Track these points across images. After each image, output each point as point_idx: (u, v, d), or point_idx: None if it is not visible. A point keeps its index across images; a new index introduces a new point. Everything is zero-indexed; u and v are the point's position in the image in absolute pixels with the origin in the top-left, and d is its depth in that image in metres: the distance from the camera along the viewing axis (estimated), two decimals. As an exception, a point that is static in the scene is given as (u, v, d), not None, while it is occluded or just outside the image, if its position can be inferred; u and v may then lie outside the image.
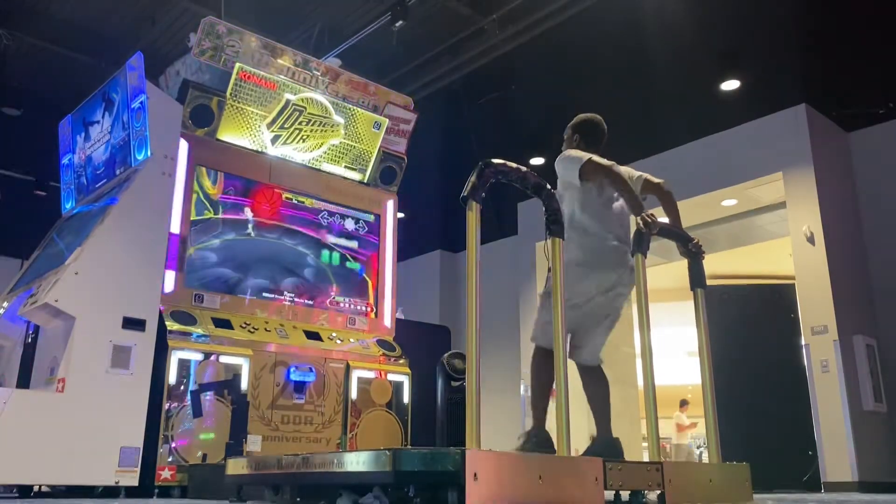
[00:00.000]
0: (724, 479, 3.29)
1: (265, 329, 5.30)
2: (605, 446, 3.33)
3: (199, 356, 4.82)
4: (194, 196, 5.32)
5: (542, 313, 3.50)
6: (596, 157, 3.54)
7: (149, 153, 4.93)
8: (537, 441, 3.27)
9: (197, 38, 5.34)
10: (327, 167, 6.07)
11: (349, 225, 6.12)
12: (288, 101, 5.70)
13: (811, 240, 6.96)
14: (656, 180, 3.74)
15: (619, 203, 3.62)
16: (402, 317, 6.99)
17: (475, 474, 2.04)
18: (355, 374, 5.55)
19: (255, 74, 5.50)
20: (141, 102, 5.00)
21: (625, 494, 2.83)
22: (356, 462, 2.28)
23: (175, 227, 5.08)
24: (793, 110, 7.38)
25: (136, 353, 4.50)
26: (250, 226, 5.56)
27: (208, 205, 5.40)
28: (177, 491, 4.55)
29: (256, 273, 5.50)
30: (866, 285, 7.37)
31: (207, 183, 5.43)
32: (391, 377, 5.75)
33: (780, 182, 7.39)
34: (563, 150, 3.83)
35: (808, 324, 6.88)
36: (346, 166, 6.16)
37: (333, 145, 6.04)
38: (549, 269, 3.51)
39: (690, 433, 13.67)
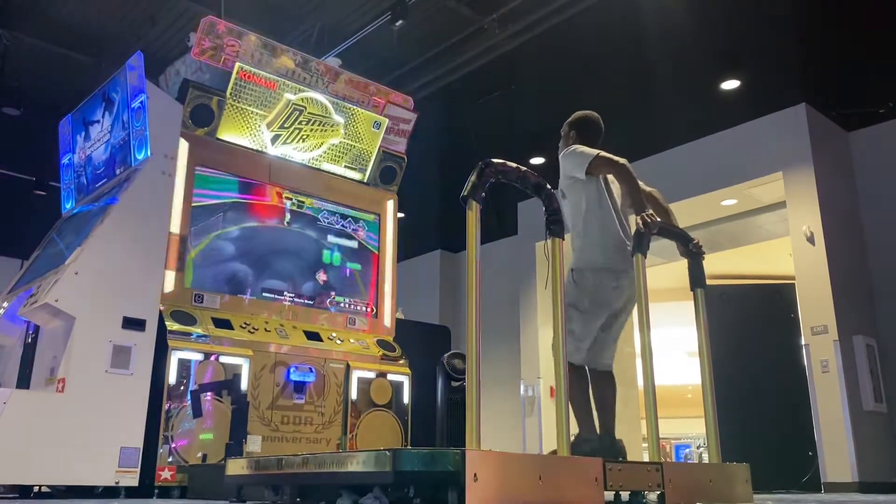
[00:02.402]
0: (724, 480, 3.28)
1: (265, 329, 5.29)
2: (609, 447, 3.35)
3: (199, 356, 4.81)
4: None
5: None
6: (605, 153, 3.55)
7: (149, 153, 4.93)
8: (602, 445, 3.32)
9: (197, 37, 5.34)
10: (327, 167, 6.07)
11: (349, 225, 6.11)
12: (288, 101, 5.70)
13: (811, 240, 6.96)
14: (649, 188, 3.77)
15: (621, 199, 3.64)
16: (402, 317, 6.99)
17: (475, 474, 2.04)
18: (355, 375, 5.55)
19: (255, 74, 5.50)
20: (141, 102, 5.00)
21: (625, 495, 2.82)
22: (356, 462, 2.28)
23: (175, 227, 5.08)
24: (793, 110, 7.38)
25: (136, 353, 4.50)
26: (250, 226, 5.56)
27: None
28: (177, 491, 4.54)
29: (256, 273, 5.50)
30: (866, 285, 7.37)
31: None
32: (391, 377, 5.75)
33: (780, 182, 7.39)
34: (560, 148, 3.84)
35: (808, 324, 6.88)
36: (346, 166, 6.16)
37: (333, 145, 6.04)
38: (574, 278, 3.53)
39: None
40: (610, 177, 3.67)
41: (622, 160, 3.51)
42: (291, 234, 5.77)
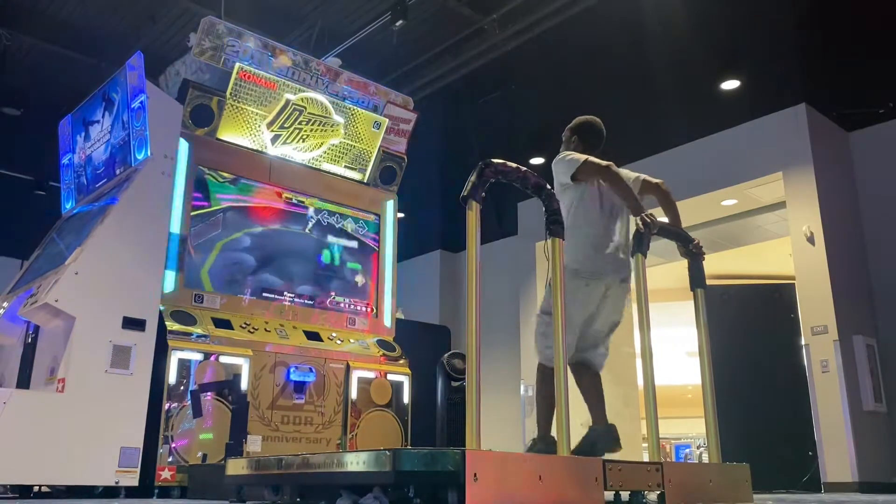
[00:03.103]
0: (724, 480, 3.29)
1: (265, 329, 5.29)
2: (602, 432, 3.37)
3: (199, 356, 4.81)
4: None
5: (542, 330, 3.58)
6: (593, 158, 3.53)
7: (149, 153, 4.93)
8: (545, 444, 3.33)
9: (197, 37, 5.34)
10: (327, 167, 6.07)
11: (349, 225, 6.11)
12: (288, 101, 5.70)
13: (811, 240, 6.96)
14: (655, 181, 3.74)
15: (619, 204, 3.61)
16: (402, 317, 6.99)
17: (475, 474, 2.04)
18: (355, 375, 5.55)
19: (255, 74, 5.50)
20: (141, 102, 5.00)
21: (625, 495, 2.82)
22: (356, 462, 2.28)
23: (175, 227, 5.08)
24: (793, 110, 7.38)
25: (136, 353, 4.50)
26: (250, 226, 5.56)
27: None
28: (177, 491, 4.54)
29: (256, 273, 5.50)
30: (866, 285, 7.37)
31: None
32: (391, 377, 5.75)
33: (780, 182, 7.39)
34: (560, 152, 3.83)
35: (808, 324, 6.88)
36: (346, 166, 6.16)
37: (333, 145, 6.04)
38: (547, 283, 3.52)
39: None
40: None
41: (607, 164, 3.47)
42: (291, 234, 5.77)
